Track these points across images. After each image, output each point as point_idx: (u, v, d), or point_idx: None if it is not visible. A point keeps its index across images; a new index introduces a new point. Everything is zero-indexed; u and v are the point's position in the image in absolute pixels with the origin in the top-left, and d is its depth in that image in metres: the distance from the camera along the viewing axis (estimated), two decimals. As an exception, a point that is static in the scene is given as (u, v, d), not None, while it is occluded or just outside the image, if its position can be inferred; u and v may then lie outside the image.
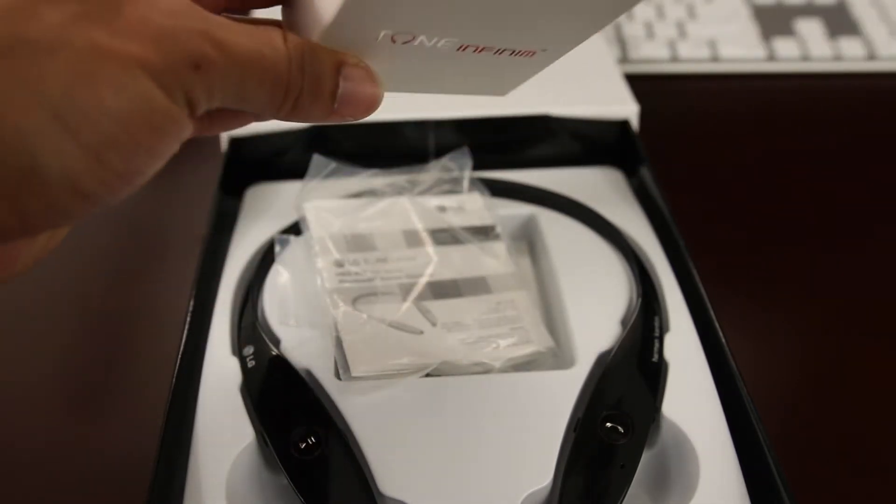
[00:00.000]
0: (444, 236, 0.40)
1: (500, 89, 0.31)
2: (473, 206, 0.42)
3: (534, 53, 0.27)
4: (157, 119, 0.20)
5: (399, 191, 0.42)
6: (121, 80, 0.19)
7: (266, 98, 0.23)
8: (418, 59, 0.25)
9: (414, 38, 0.24)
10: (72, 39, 0.19)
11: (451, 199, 0.42)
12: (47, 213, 0.20)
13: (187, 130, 0.22)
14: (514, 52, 0.26)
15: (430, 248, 0.39)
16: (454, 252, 0.40)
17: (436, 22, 0.24)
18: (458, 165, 0.43)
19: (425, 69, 0.27)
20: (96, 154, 0.19)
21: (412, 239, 0.40)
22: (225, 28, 0.22)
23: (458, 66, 0.27)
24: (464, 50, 0.25)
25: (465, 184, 0.43)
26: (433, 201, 0.42)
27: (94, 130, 0.19)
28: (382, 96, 0.25)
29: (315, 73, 0.24)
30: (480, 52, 0.26)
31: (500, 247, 0.40)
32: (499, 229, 0.41)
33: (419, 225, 0.40)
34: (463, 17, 0.24)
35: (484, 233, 0.41)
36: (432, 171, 0.43)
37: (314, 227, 0.40)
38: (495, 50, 0.26)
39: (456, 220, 0.41)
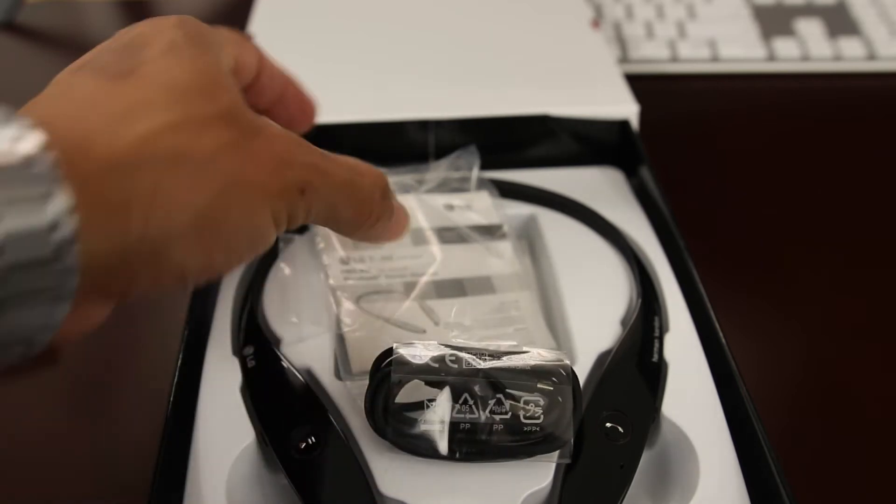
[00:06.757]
0: (451, 235, 0.40)
1: None
2: (481, 205, 0.42)
3: None
4: (257, 239, 0.26)
5: (406, 189, 0.42)
6: (247, 205, 0.24)
7: (352, 217, 0.29)
8: None
9: None
10: (220, 164, 0.24)
11: (458, 197, 0.42)
12: (149, 287, 0.24)
13: (270, 245, 0.27)
14: None
15: (435, 247, 0.39)
16: (460, 251, 0.39)
17: None
18: (466, 163, 0.43)
19: None
20: (209, 254, 0.24)
21: (418, 237, 0.40)
22: (327, 159, 0.27)
23: None
24: None
25: (473, 182, 0.42)
26: (440, 199, 0.42)
27: (215, 238, 0.24)
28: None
29: (390, 201, 0.30)
30: None
31: (505, 246, 0.40)
32: (506, 228, 0.41)
33: (425, 223, 0.40)
34: None
35: (490, 232, 0.40)
36: (439, 170, 0.43)
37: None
38: None
39: (463, 219, 0.41)
